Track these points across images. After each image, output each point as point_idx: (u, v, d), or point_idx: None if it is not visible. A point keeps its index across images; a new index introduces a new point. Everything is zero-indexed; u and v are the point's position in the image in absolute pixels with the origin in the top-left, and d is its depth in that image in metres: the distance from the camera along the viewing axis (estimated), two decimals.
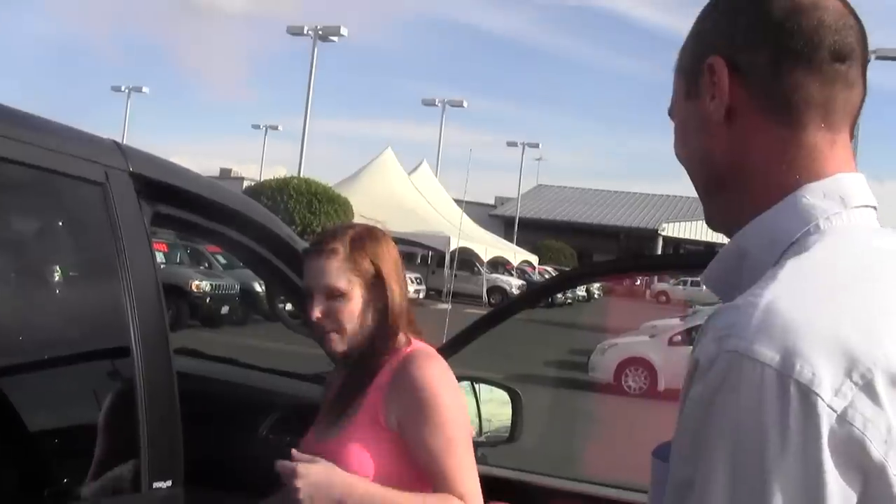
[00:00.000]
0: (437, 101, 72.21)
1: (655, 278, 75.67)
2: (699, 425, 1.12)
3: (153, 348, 2.34)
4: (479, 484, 2.62)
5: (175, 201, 2.64)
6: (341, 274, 2.63)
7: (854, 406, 1.06)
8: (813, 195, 1.29)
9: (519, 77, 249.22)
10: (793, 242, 1.26)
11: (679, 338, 21.52)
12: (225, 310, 25.36)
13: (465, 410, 2.73)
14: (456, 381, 2.72)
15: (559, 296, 52.20)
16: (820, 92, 1.32)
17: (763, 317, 1.10)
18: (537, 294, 4.81)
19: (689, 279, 72.56)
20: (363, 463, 2.60)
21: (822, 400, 1.05)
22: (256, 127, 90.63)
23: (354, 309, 2.65)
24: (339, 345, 2.68)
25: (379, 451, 2.62)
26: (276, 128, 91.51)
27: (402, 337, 2.72)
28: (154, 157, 2.60)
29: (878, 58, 43.70)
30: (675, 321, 26.69)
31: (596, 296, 65.79)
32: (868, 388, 1.07)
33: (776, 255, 1.26)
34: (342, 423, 2.65)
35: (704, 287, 1.44)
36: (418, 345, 2.73)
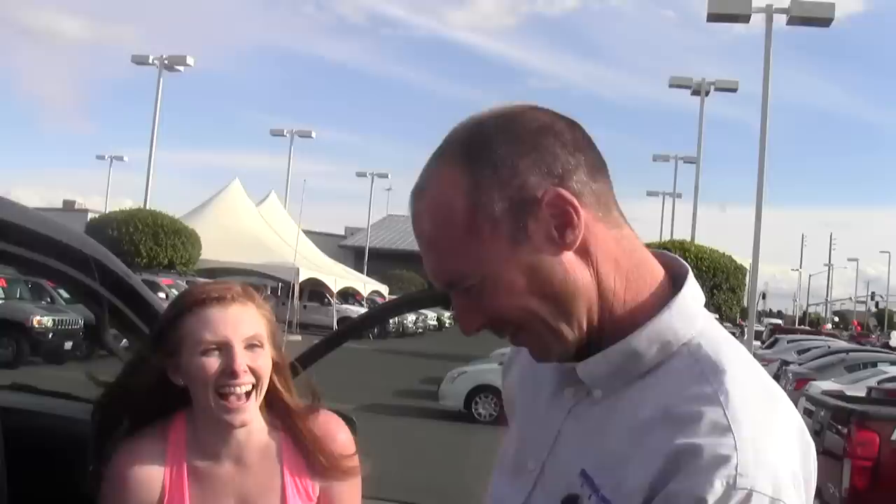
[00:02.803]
0: (285, 131, 71.82)
1: None
2: None
3: None
4: None
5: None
6: (258, 321, 2.38)
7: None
8: (690, 298, 1.53)
9: (367, 107, 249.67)
10: (683, 344, 1.48)
11: None
12: (69, 345, 24.68)
13: None
14: None
15: (410, 325, 52.41)
16: (612, 191, 1.53)
17: (755, 458, 1.33)
18: (362, 324, 4.77)
19: None
20: None
21: None
22: (101, 158, 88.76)
23: (268, 360, 2.38)
24: (249, 409, 2.35)
25: None
26: (121, 159, 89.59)
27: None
28: None
29: (716, 89, 45.17)
30: None
31: (447, 324, 66.13)
32: (799, 487, 1.39)
33: (667, 353, 1.47)
34: None
35: (586, 377, 1.53)
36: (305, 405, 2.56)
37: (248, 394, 2.34)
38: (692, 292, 1.53)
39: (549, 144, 1.45)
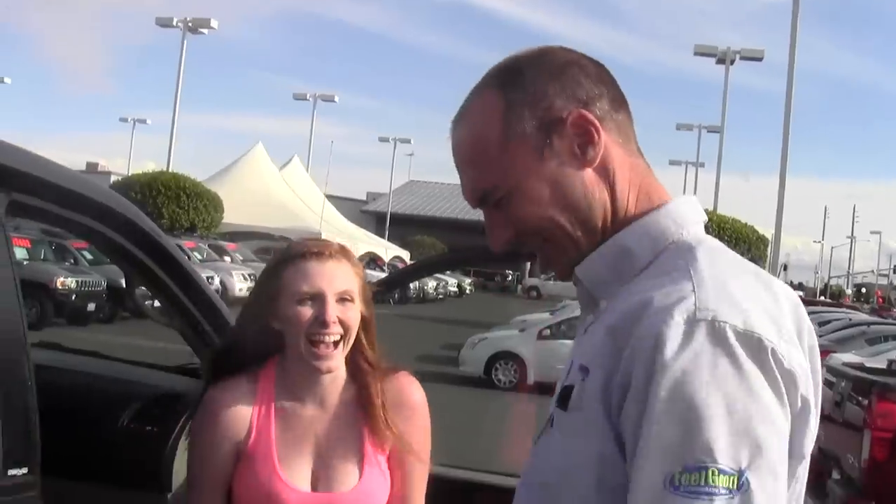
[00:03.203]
0: (308, 95, 71.89)
1: (527, 273, 76.55)
2: (688, 382, 1.36)
3: (7, 337, 2.31)
4: None
5: (32, 189, 2.61)
6: (351, 278, 2.57)
7: (790, 353, 1.42)
8: (685, 206, 1.66)
9: (390, 72, 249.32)
10: (671, 241, 1.59)
11: (548, 332, 21.78)
12: (91, 307, 24.78)
13: None
14: None
15: (430, 291, 52.45)
16: (631, 125, 1.69)
17: (716, 295, 1.42)
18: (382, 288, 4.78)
19: None
20: (384, 500, 2.64)
21: (777, 350, 1.40)
22: (124, 120, 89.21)
23: (357, 314, 2.58)
24: (336, 357, 2.55)
25: (387, 480, 2.66)
26: (144, 121, 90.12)
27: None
28: (7, 143, 2.56)
29: (742, 58, 44.89)
30: (545, 315, 27.02)
31: (468, 291, 66.18)
32: (791, 342, 1.45)
33: (656, 252, 1.59)
34: (354, 463, 2.61)
35: (582, 276, 1.66)
36: (387, 363, 2.75)
37: (335, 343, 2.53)
38: (690, 204, 1.68)
39: (575, 74, 1.63)
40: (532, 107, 1.60)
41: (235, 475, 2.60)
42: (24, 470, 2.33)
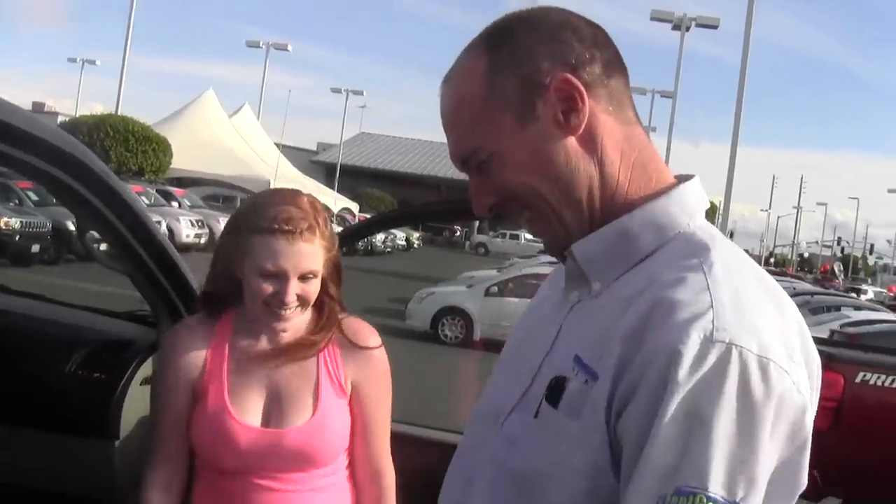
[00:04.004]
0: (261, 43, 71.30)
1: (476, 230, 76.75)
2: (696, 404, 1.31)
3: None
4: None
5: None
6: (317, 256, 2.56)
7: (800, 380, 1.38)
8: (692, 195, 1.58)
9: (344, 23, 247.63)
10: (679, 231, 1.53)
11: (496, 289, 21.87)
12: (36, 248, 24.40)
13: None
14: None
15: (378, 244, 52.41)
16: (628, 91, 1.61)
17: (735, 316, 1.36)
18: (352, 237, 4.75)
19: (508, 232, 74.01)
20: (342, 438, 2.70)
21: (788, 375, 1.35)
22: (73, 60, 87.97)
23: (318, 286, 2.61)
24: (293, 319, 2.61)
25: (345, 419, 2.70)
26: (93, 62, 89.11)
27: None
28: None
29: (697, 25, 45.03)
30: (493, 272, 27.11)
31: (415, 245, 66.21)
32: (800, 365, 1.40)
33: (662, 240, 1.53)
34: (307, 399, 2.63)
35: (579, 255, 1.58)
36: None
37: (296, 310, 2.59)
38: (695, 191, 1.60)
39: (566, 37, 1.54)
40: (517, 69, 1.53)
41: (192, 415, 2.63)
42: None
